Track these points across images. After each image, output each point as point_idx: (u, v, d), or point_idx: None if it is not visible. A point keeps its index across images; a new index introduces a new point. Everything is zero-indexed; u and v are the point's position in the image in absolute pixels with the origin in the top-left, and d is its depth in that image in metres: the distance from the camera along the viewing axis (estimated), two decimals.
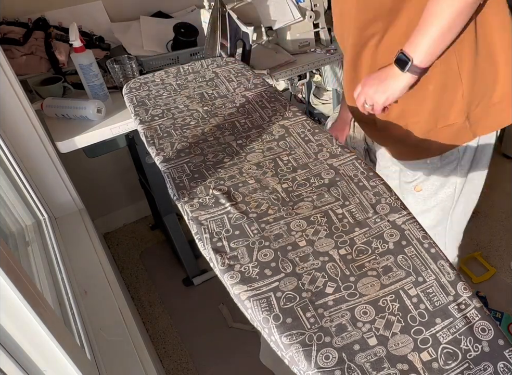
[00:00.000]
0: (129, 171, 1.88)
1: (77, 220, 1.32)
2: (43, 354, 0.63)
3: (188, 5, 1.76)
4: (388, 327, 0.57)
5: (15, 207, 1.23)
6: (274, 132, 0.93)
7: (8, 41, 1.40)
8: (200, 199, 0.78)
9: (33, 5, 1.48)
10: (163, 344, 1.63)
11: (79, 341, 0.91)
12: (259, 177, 0.81)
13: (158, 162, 0.88)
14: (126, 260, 1.97)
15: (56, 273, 1.08)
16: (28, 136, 1.17)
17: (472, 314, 0.57)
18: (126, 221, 2.15)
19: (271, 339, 0.57)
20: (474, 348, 0.54)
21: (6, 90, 1.08)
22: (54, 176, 1.27)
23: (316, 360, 0.54)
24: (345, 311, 0.59)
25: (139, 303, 1.78)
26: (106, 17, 1.62)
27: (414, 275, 0.62)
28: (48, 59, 1.43)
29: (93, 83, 1.27)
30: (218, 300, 1.72)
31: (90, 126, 1.25)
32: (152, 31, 1.61)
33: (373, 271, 0.63)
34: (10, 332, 0.58)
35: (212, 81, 1.13)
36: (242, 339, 1.59)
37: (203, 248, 0.70)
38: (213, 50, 1.35)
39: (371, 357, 0.54)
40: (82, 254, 1.19)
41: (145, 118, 1.01)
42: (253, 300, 0.60)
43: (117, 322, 1.00)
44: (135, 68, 1.31)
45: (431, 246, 0.66)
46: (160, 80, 1.15)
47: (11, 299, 0.56)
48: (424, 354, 0.54)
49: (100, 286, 1.09)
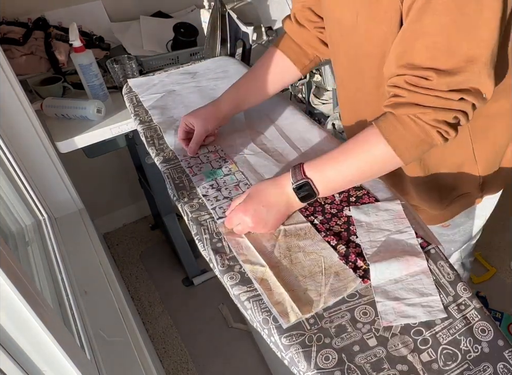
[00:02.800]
0: (129, 171, 1.87)
1: (77, 220, 1.32)
2: (43, 354, 0.63)
3: (188, 5, 1.76)
4: (388, 328, 0.57)
5: (15, 207, 1.23)
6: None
7: (7, 41, 1.40)
8: (200, 199, 0.78)
9: (33, 5, 1.47)
10: (163, 344, 1.63)
11: (79, 341, 0.91)
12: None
13: (158, 162, 0.88)
14: (126, 260, 1.97)
15: (56, 273, 1.08)
16: (28, 136, 1.17)
17: (471, 315, 0.57)
18: (126, 221, 2.15)
19: (271, 340, 0.57)
20: (474, 348, 0.54)
21: (6, 90, 1.08)
22: (54, 176, 1.27)
23: (316, 361, 0.54)
24: (345, 312, 0.59)
25: (139, 303, 1.78)
26: (106, 17, 1.61)
27: None
28: (48, 59, 1.43)
29: (93, 83, 1.27)
30: (218, 300, 1.72)
31: (90, 126, 1.25)
32: (152, 31, 1.61)
33: None
34: (10, 332, 0.58)
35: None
36: (242, 339, 1.59)
37: (203, 248, 0.70)
38: (213, 50, 1.34)
39: (371, 358, 0.54)
40: (82, 254, 1.19)
41: (145, 118, 1.01)
42: (253, 301, 0.60)
43: (117, 322, 1.00)
44: (134, 68, 1.31)
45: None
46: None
47: (11, 299, 0.56)
48: (424, 355, 0.54)
49: (100, 286, 1.09)
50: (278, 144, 0.90)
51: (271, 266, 0.64)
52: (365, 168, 0.68)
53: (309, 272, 0.63)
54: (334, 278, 0.62)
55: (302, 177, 0.68)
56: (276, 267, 0.64)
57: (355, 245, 0.67)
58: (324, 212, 0.73)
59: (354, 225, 0.70)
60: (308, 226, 0.70)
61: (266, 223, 0.69)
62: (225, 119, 0.91)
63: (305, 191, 0.68)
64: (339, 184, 0.71)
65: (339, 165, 0.68)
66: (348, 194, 0.76)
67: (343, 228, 0.70)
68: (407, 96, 0.62)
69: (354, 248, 0.66)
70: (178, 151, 0.90)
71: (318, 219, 0.72)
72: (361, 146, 0.68)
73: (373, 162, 0.67)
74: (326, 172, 0.69)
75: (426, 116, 0.62)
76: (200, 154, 0.88)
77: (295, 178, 0.68)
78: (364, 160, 0.67)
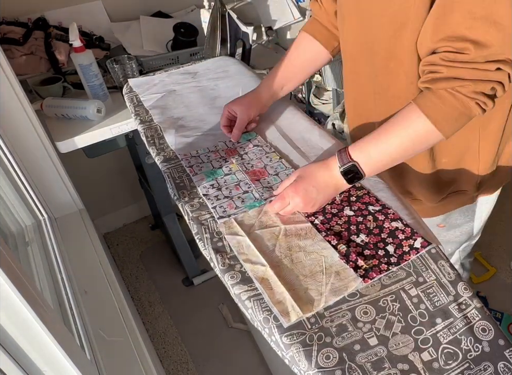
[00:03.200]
0: (129, 171, 1.87)
1: (77, 220, 1.32)
2: (43, 354, 0.63)
3: (188, 5, 1.76)
4: (389, 327, 0.57)
5: (15, 207, 1.23)
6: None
7: (7, 41, 1.40)
8: (200, 199, 0.78)
9: (33, 5, 1.47)
10: (163, 344, 1.63)
11: (79, 342, 0.91)
12: None
13: (159, 162, 0.88)
14: (126, 260, 1.97)
15: (56, 273, 1.08)
16: (28, 136, 1.17)
17: (472, 314, 0.57)
18: (126, 221, 2.15)
19: (272, 339, 0.57)
20: (474, 348, 0.54)
21: (6, 90, 1.08)
22: (54, 176, 1.27)
23: (317, 360, 0.54)
24: (346, 311, 0.59)
25: (139, 303, 1.78)
26: (106, 17, 1.61)
27: (414, 275, 0.62)
28: (48, 59, 1.43)
29: (93, 82, 1.27)
30: (218, 300, 1.72)
31: (90, 126, 1.25)
32: (152, 31, 1.61)
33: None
34: (10, 332, 0.58)
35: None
36: (242, 339, 1.59)
37: (203, 248, 0.69)
38: (213, 50, 1.34)
39: (372, 357, 0.54)
40: (82, 254, 1.19)
41: (146, 118, 1.01)
42: (254, 300, 0.60)
43: (117, 322, 1.00)
44: (134, 68, 1.31)
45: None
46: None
47: (11, 299, 0.56)
48: (425, 354, 0.54)
49: (100, 286, 1.09)
50: (278, 144, 0.90)
51: (272, 266, 0.64)
52: (408, 145, 0.69)
53: (310, 272, 0.63)
54: (335, 278, 0.62)
55: (348, 161, 0.70)
56: (276, 267, 0.64)
57: (356, 245, 0.67)
58: (325, 212, 0.73)
59: (354, 224, 0.70)
60: (308, 226, 0.70)
61: (315, 203, 0.72)
62: (265, 107, 0.95)
63: (352, 174, 0.71)
64: (384, 163, 0.72)
65: (382, 145, 0.70)
66: (349, 193, 0.76)
67: (343, 228, 0.70)
68: (445, 71, 0.63)
69: (354, 247, 0.66)
70: (178, 151, 0.90)
71: (319, 218, 0.72)
72: (402, 123, 0.69)
73: (415, 138, 0.69)
74: (370, 153, 0.70)
75: (464, 89, 0.63)
76: (200, 154, 0.88)
77: (342, 162, 0.71)
78: (406, 137, 0.69)
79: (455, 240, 1.03)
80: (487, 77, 0.62)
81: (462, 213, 0.97)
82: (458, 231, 1.00)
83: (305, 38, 0.93)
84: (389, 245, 0.66)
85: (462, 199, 0.91)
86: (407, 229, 0.68)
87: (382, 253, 0.65)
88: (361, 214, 0.72)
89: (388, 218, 0.70)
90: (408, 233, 0.68)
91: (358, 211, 0.72)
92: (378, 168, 0.73)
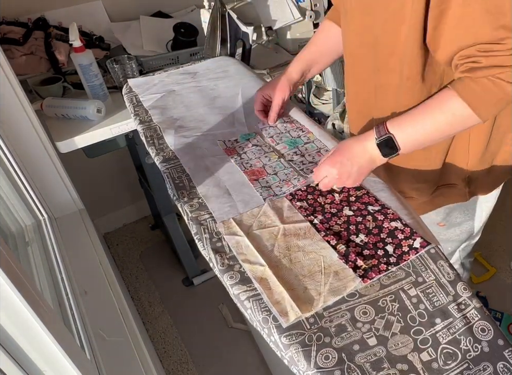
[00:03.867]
0: (129, 171, 1.87)
1: (77, 220, 1.32)
2: (43, 354, 0.63)
3: (188, 5, 1.76)
4: (388, 327, 0.57)
5: (15, 207, 1.23)
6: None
7: (7, 41, 1.40)
8: (199, 199, 0.78)
9: (33, 5, 1.47)
10: (163, 344, 1.63)
11: (79, 342, 0.91)
12: None
13: (158, 162, 0.88)
14: (126, 260, 1.97)
15: (56, 273, 1.08)
16: (28, 136, 1.17)
17: (471, 314, 0.57)
18: (126, 221, 2.15)
19: (271, 339, 0.57)
20: (473, 348, 0.54)
21: (6, 90, 1.08)
22: (54, 176, 1.27)
23: (316, 360, 0.54)
24: (345, 311, 0.59)
25: (139, 303, 1.78)
26: (106, 17, 1.61)
27: (413, 275, 0.62)
28: (48, 59, 1.43)
29: (93, 82, 1.27)
30: (218, 300, 1.72)
31: (90, 126, 1.25)
32: (152, 31, 1.61)
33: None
34: (10, 332, 0.58)
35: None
36: (242, 339, 1.59)
37: (202, 248, 0.70)
38: (213, 50, 1.34)
39: (371, 357, 0.54)
40: (82, 254, 1.19)
41: (145, 118, 1.01)
42: (253, 300, 0.60)
43: (117, 322, 1.00)
44: (134, 68, 1.31)
45: None
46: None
47: (11, 299, 0.56)
48: (424, 354, 0.54)
49: (100, 286, 1.09)
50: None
51: (270, 266, 0.64)
52: (444, 127, 0.71)
53: (308, 271, 0.63)
54: (333, 278, 0.62)
55: (385, 133, 0.72)
56: (275, 267, 0.64)
57: (355, 245, 0.67)
58: (324, 212, 0.73)
59: (353, 224, 0.70)
60: (307, 226, 0.70)
61: (350, 175, 0.75)
62: (295, 89, 0.98)
63: (388, 146, 0.73)
64: (419, 142, 0.74)
65: (418, 125, 0.72)
66: (348, 193, 0.76)
67: (342, 227, 0.70)
68: (484, 61, 0.64)
69: (353, 247, 0.66)
70: (177, 151, 0.90)
71: (318, 218, 0.72)
72: (439, 107, 0.71)
73: (453, 121, 0.70)
74: (407, 130, 0.73)
75: (504, 75, 0.64)
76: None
77: (379, 134, 0.73)
78: (443, 120, 0.70)
79: (455, 239, 1.03)
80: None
81: (462, 212, 0.97)
82: (458, 230, 1.01)
83: (328, 25, 0.96)
84: (388, 245, 0.66)
85: (454, 195, 0.92)
86: (406, 229, 0.68)
87: (381, 253, 0.65)
88: (361, 214, 0.72)
89: (387, 218, 0.70)
90: (407, 233, 0.68)
91: (357, 211, 0.72)
92: (413, 145, 0.74)
